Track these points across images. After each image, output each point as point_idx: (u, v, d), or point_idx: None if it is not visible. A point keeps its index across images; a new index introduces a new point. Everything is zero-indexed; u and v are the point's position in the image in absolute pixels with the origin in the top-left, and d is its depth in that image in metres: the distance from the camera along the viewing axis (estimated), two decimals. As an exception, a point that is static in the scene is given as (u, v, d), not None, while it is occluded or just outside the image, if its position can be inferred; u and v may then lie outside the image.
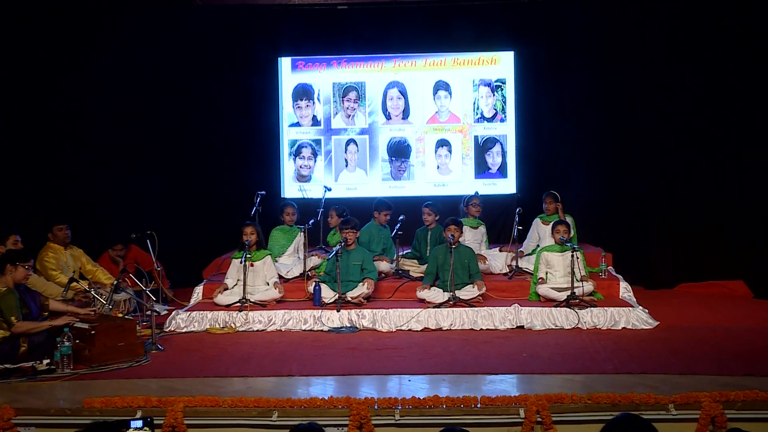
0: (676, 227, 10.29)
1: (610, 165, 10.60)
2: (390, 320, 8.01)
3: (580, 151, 10.80)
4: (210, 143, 10.77)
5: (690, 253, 10.25)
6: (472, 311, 8.05)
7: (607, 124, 10.54)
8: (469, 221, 9.49)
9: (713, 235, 10.12)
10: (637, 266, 10.34)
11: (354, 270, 8.49)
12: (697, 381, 6.04)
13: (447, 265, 8.34)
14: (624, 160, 10.50)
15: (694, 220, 10.21)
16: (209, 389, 6.01)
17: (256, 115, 10.82)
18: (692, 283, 10.09)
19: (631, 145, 10.43)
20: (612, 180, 10.60)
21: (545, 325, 7.94)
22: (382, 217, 9.31)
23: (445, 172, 10.90)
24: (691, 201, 10.20)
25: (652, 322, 7.92)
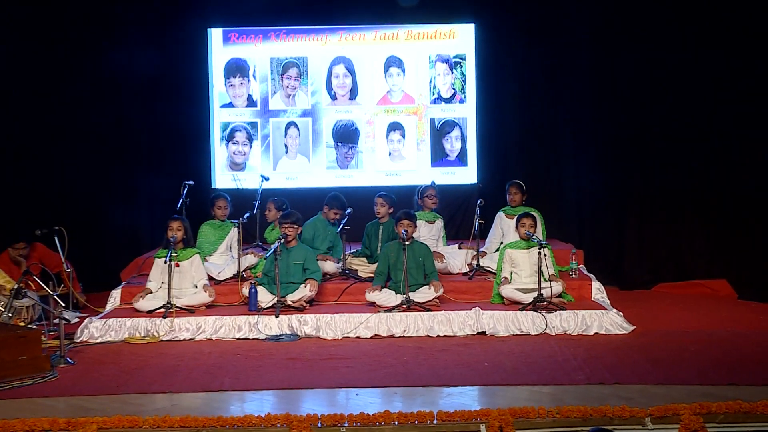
0: (654, 222, 10.45)
1: (582, 153, 10.72)
2: (336, 326, 8.00)
3: (549, 137, 10.90)
4: (129, 127, 10.62)
5: (669, 251, 10.42)
6: (427, 316, 8.07)
7: (580, 107, 10.66)
8: (424, 215, 9.51)
9: (695, 230, 10.31)
10: (611, 265, 10.48)
11: (295, 270, 8.45)
12: (675, 391, 6.14)
13: (400, 264, 8.34)
14: (598, 148, 10.63)
15: (674, 215, 10.38)
16: (128, 408, 5.94)
17: (183, 94, 10.69)
18: (672, 283, 10.26)
19: (606, 132, 10.56)
20: (584, 169, 10.71)
21: (509, 330, 7.99)
22: (332, 214, 9.29)
23: (397, 159, 10.90)
24: (670, 194, 10.37)
25: (628, 326, 8.03)
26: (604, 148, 10.58)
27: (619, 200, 10.57)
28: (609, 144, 10.55)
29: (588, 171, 10.68)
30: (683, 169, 10.29)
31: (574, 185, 10.81)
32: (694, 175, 10.25)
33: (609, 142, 10.55)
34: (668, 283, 10.26)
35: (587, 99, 10.63)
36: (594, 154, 10.64)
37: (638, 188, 10.46)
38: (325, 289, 8.68)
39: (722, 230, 10.17)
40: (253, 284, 8.39)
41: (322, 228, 9.28)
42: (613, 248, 10.60)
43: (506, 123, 10.93)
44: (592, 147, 10.66)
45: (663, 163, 10.35)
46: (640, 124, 10.37)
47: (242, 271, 8.83)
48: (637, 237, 10.48)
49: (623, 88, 10.38)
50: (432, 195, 9.61)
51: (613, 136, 10.50)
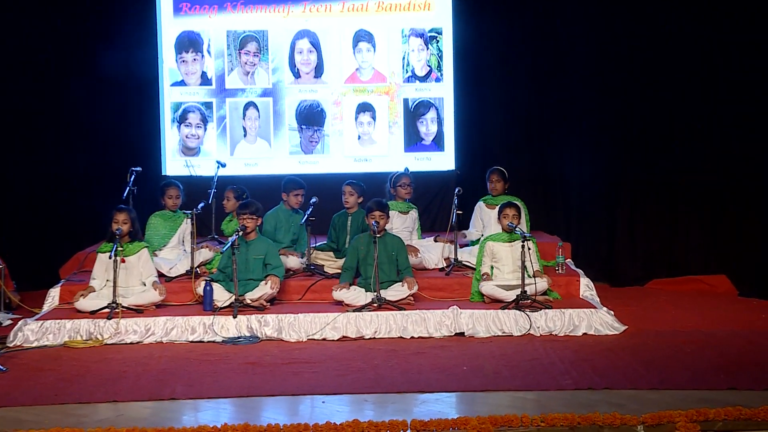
0: (647, 213, 10.53)
1: (569, 138, 10.76)
2: (299, 327, 7.99)
3: (535, 121, 10.94)
4: (68, 108, 10.53)
5: (663, 244, 10.50)
6: (400, 316, 8.08)
7: (569, 86, 10.70)
8: (397, 205, 9.51)
9: (691, 222, 10.40)
10: (601, 259, 10.55)
11: (255, 265, 8.44)
12: (670, 397, 6.18)
13: (370, 259, 8.35)
14: (587, 133, 10.68)
15: (669, 205, 10.46)
16: (68, 419, 5.89)
17: (129, 71, 10.59)
18: (666, 279, 10.36)
19: (596, 116, 10.61)
20: (572, 156, 10.76)
21: (490, 331, 8.02)
22: (293, 198, 9.28)
23: (367, 143, 10.90)
24: (665, 182, 10.45)
25: (619, 326, 8.09)
26: (593, 132, 10.64)
27: (609, 189, 10.64)
28: (599, 129, 10.61)
29: (576, 157, 10.73)
30: (679, 155, 10.36)
31: (560, 173, 10.86)
32: (690, 161, 10.33)
33: (599, 126, 10.61)
34: (662, 279, 10.35)
35: (576, 79, 10.67)
36: (583, 139, 10.70)
37: (630, 176, 10.52)
38: (288, 287, 8.67)
39: (721, 221, 10.26)
40: (208, 281, 8.36)
41: (285, 218, 9.27)
42: (603, 241, 10.67)
43: (487, 104, 10.95)
44: (580, 131, 10.71)
45: (657, 149, 10.42)
46: (633, 108, 10.43)
47: (196, 267, 8.80)
48: (628, 229, 10.55)
49: (616, 70, 10.43)
50: (405, 183, 9.61)
51: (604, 120, 10.56)
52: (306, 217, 8.91)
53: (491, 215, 9.37)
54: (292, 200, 9.28)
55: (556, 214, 10.83)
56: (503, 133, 10.97)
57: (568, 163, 10.78)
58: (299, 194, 9.25)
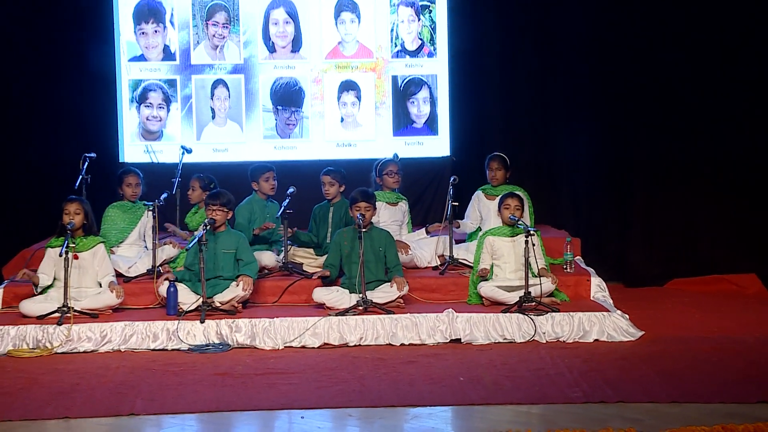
0: (666, 203, 10.54)
1: (578, 119, 10.76)
2: (276, 334, 7.98)
3: (539, 101, 10.93)
4: (13, 87, 10.49)
5: (685, 239, 10.52)
6: (389, 320, 8.07)
7: (577, 61, 10.70)
8: (385, 195, 9.50)
9: (716, 213, 10.41)
10: (614, 256, 10.56)
11: (225, 263, 8.45)
12: (693, 411, 6.19)
13: (355, 256, 8.34)
14: (597, 114, 10.68)
15: (691, 194, 10.48)
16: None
17: (82, 45, 10.57)
18: (689, 278, 10.39)
19: (607, 95, 10.61)
20: (581, 139, 10.75)
21: (490, 337, 8.03)
22: (265, 184, 9.27)
23: (351, 126, 10.88)
24: (686, 169, 10.46)
25: (635, 332, 8.10)
26: (604, 113, 10.65)
27: (623, 177, 10.65)
28: (611, 109, 10.61)
29: (586, 141, 10.73)
30: (701, 138, 10.39)
31: (568, 159, 10.86)
32: (714, 145, 10.36)
33: (611, 106, 10.61)
34: (684, 279, 10.39)
35: (585, 55, 10.67)
36: (592, 121, 10.69)
37: (646, 162, 10.53)
38: (262, 288, 8.66)
39: (751, 213, 10.29)
40: (173, 282, 8.35)
41: (260, 210, 9.26)
42: (617, 236, 10.68)
43: (486, 82, 10.94)
44: (590, 112, 10.71)
45: (676, 131, 10.43)
46: (650, 85, 10.43)
47: (158, 266, 8.80)
48: (645, 222, 10.56)
49: (629, 42, 10.43)
50: (394, 171, 9.60)
51: (616, 99, 10.56)
52: (283, 209, 8.87)
53: (491, 207, 9.36)
54: (265, 186, 9.27)
55: (564, 206, 10.83)
56: (504, 115, 10.95)
57: (577, 148, 10.77)
58: (270, 177, 9.25)
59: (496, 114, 10.98)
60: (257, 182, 9.28)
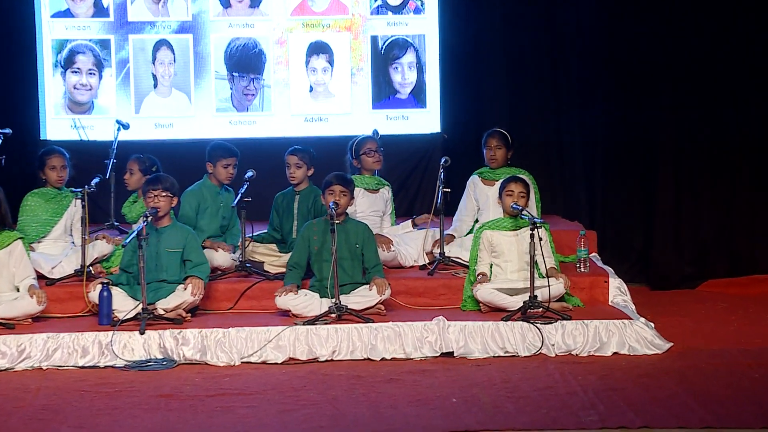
0: (698, 191, 10.58)
1: (593, 90, 10.79)
2: (231, 347, 7.98)
3: (546, 66, 10.96)
4: None
5: (721, 232, 10.57)
6: (368, 330, 8.07)
7: (592, 20, 10.71)
8: (363, 180, 9.49)
9: (758, 203, 10.47)
10: (637, 253, 10.62)
11: (170, 263, 8.46)
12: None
13: (327, 254, 8.34)
14: (616, 83, 10.70)
15: (728, 180, 10.53)
16: None
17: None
18: (726, 279, 10.44)
19: (627, 61, 10.63)
20: (596, 114, 10.80)
21: (488, 350, 8.03)
22: (222, 170, 9.23)
23: (322, 97, 10.89)
24: (721, 149, 10.51)
25: (662, 343, 8.11)
26: (624, 83, 10.68)
27: (647, 159, 10.69)
28: (634, 80, 10.65)
29: (603, 116, 10.78)
30: (738, 120, 10.44)
31: (583, 137, 10.91)
32: (754, 127, 10.39)
33: (631, 75, 10.64)
34: (720, 280, 10.44)
35: (603, 10, 10.68)
36: (610, 92, 10.74)
37: (674, 144, 10.57)
38: (215, 292, 8.67)
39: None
40: (106, 285, 8.32)
41: (211, 198, 9.24)
42: (640, 229, 10.73)
43: (484, 44, 10.96)
44: (607, 82, 10.74)
45: (710, 105, 10.48)
46: (678, 48, 10.46)
47: (89, 266, 8.76)
48: (673, 213, 10.60)
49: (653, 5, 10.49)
50: (374, 150, 9.57)
51: (638, 66, 10.59)
52: (239, 197, 8.86)
53: (489, 194, 9.36)
54: (221, 173, 9.22)
55: (577, 193, 10.87)
56: (506, 85, 10.98)
57: (593, 124, 10.83)
58: (230, 164, 9.20)
59: (497, 83, 11.00)
60: (213, 165, 9.23)
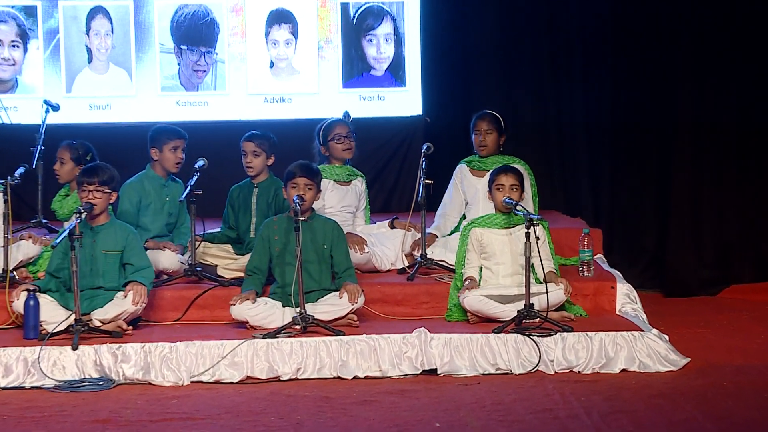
0: (721, 182, 10.63)
1: (599, 64, 10.84)
2: (179, 364, 7.96)
3: (545, 38, 11.01)
4: None
5: (746, 231, 10.63)
6: (338, 343, 8.07)
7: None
8: (332, 170, 9.50)
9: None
10: (649, 255, 10.66)
11: (107, 267, 8.46)
12: (757, 467, 6.25)
13: (290, 256, 8.35)
14: (626, 56, 10.75)
15: (756, 171, 10.58)
16: None
17: None
18: (751, 284, 10.51)
19: (640, 27, 10.68)
20: (603, 96, 10.85)
21: (477, 367, 8.03)
22: (169, 155, 9.23)
23: (285, 74, 10.93)
24: (752, 133, 10.56)
25: (677, 358, 8.12)
26: (635, 55, 10.73)
27: (661, 145, 10.73)
28: (643, 49, 10.69)
29: (608, 95, 10.83)
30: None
31: (586, 121, 10.96)
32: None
33: (643, 46, 10.69)
34: (745, 285, 10.51)
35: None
36: (618, 66, 10.79)
37: (693, 124, 10.60)
38: (161, 300, 8.68)
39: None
40: (32, 293, 8.29)
41: (156, 191, 9.24)
42: (653, 227, 10.77)
43: (472, 12, 10.99)
44: (615, 54, 10.79)
45: (737, 81, 10.53)
46: (699, 9, 10.50)
47: (12, 270, 8.75)
48: (691, 208, 10.63)
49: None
50: (344, 136, 9.56)
51: (651, 36, 10.64)
52: (188, 190, 8.83)
53: (479, 186, 9.38)
54: (169, 158, 9.21)
55: (580, 185, 10.91)
56: (499, 60, 11.01)
57: (598, 107, 10.89)
58: (179, 147, 9.20)
59: (488, 57, 11.03)
60: (158, 150, 9.22)
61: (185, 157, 9.20)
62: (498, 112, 9.65)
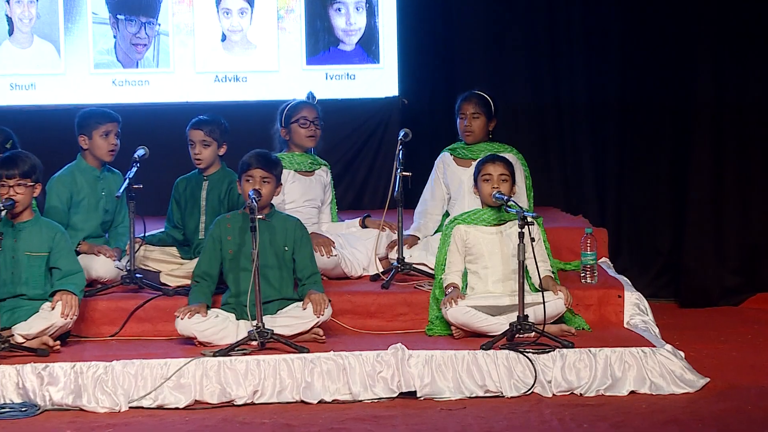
0: (748, 173, 10.69)
1: (604, 36, 10.89)
2: (115, 386, 7.94)
3: (540, 10, 11.08)
4: None
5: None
6: (301, 362, 8.07)
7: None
8: (294, 160, 9.51)
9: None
10: (663, 257, 10.67)
11: (31, 272, 8.48)
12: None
13: (246, 260, 8.38)
14: (636, 27, 10.82)
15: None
16: None
17: None
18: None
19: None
20: (608, 69, 10.91)
21: (463, 389, 8.04)
22: (103, 142, 9.21)
23: (239, 48, 10.99)
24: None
25: (695, 378, 8.14)
26: (646, 26, 10.79)
27: (676, 131, 10.78)
28: (656, 18, 10.74)
29: (615, 72, 10.91)
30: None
31: (590, 102, 11.02)
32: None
33: (656, 13, 10.75)
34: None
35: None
36: (627, 39, 10.85)
37: (714, 107, 10.63)
38: (94, 312, 8.71)
39: None
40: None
41: (89, 185, 9.25)
42: (666, 225, 10.81)
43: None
44: (623, 24, 10.85)
45: (761, 55, 10.52)
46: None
47: None
48: (711, 204, 10.67)
49: None
50: (310, 121, 9.55)
51: (660, 2, 10.68)
52: (126, 183, 8.81)
53: (464, 178, 9.43)
54: (101, 146, 9.19)
55: (582, 177, 10.93)
56: (486, 31, 11.05)
57: (602, 82, 10.94)
58: (111, 132, 9.17)
59: (475, 29, 11.07)
60: (88, 137, 9.20)
61: (120, 144, 9.16)
62: (487, 92, 9.67)
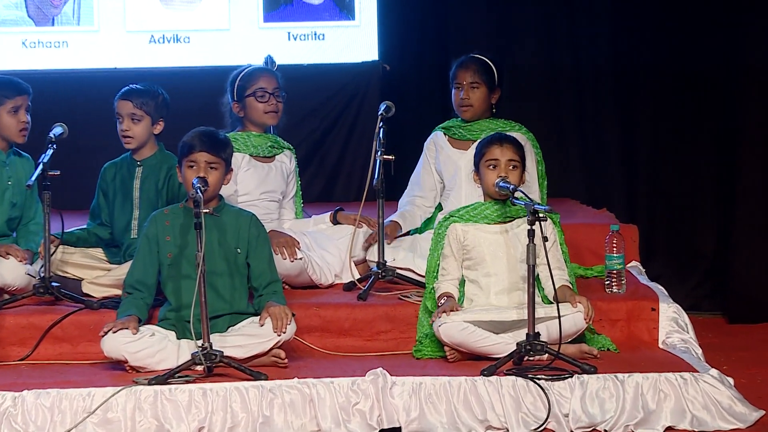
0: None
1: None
2: (26, 422, 7.93)
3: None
4: None
5: None
6: (257, 391, 8.04)
7: None
8: (249, 140, 9.56)
9: None
10: (707, 262, 10.68)
11: None
12: None
13: (188, 265, 8.37)
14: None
15: None
16: None
17: None
18: None
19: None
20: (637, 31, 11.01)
21: (459, 425, 8.01)
22: (11, 120, 9.27)
23: (181, 3, 10.99)
24: None
25: (747, 411, 8.11)
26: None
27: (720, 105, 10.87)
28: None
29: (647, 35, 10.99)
30: None
31: (612, 68, 11.11)
32: None
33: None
34: None
35: None
36: (660, 11, 10.89)
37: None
38: (0, 329, 8.68)
39: None
40: None
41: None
42: (710, 223, 10.82)
43: None
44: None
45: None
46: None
47: None
48: (765, 195, 10.70)
49: None
50: (269, 93, 9.57)
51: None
52: (39, 169, 8.79)
53: (461, 164, 9.48)
54: (8, 124, 9.25)
55: (607, 162, 10.94)
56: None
57: (630, 45, 11.03)
58: (20, 107, 9.21)
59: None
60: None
61: (32, 122, 9.14)
62: (488, 56, 9.68)
